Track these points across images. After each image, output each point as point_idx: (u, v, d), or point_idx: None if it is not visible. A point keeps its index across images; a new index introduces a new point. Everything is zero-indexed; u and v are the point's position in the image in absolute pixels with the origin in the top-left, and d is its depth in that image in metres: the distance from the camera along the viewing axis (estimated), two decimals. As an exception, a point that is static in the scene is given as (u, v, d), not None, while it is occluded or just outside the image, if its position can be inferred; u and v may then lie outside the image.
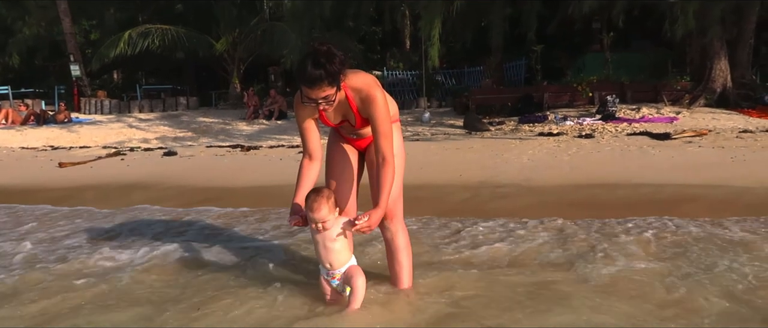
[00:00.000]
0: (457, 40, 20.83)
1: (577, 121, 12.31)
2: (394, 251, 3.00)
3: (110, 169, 9.21)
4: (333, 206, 2.65)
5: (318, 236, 2.68)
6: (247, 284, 3.26)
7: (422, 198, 5.76)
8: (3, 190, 7.58)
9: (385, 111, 2.69)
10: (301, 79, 2.54)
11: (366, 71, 11.85)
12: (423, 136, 12.21)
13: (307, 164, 2.85)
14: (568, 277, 3.25)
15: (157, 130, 15.85)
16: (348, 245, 2.75)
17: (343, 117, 2.84)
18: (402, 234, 2.99)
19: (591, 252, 3.69)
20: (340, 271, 2.74)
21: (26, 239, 4.63)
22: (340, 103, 2.72)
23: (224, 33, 20.25)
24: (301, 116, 2.80)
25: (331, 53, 2.50)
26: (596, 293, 2.96)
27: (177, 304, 2.99)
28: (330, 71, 2.48)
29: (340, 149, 3.03)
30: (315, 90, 2.52)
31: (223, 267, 3.68)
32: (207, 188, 6.97)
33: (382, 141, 2.69)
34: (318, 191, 2.67)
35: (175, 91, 22.93)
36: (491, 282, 3.17)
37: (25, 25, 23.37)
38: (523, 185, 6.31)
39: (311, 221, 2.63)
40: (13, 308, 3.05)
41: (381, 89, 2.72)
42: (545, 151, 8.64)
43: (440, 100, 18.49)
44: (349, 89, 2.69)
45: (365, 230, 2.64)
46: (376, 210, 2.67)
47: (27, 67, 24.83)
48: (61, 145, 13.66)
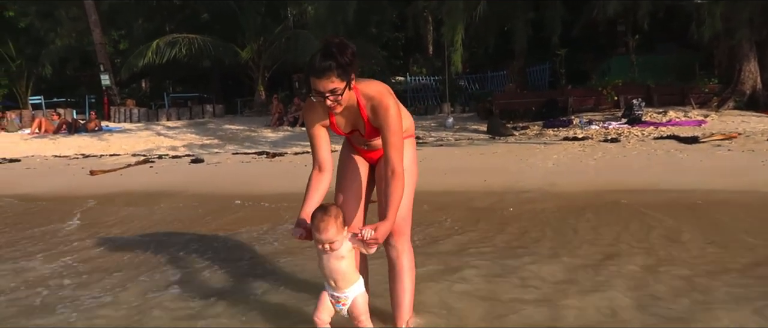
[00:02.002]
0: (480, 45, 20.77)
1: (602, 125, 12.19)
2: (398, 272, 2.76)
3: (140, 176, 9.41)
4: (341, 225, 2.44)
5: (324, 254, 2.49)
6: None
7: (446, 204, 5.79)
8: (39, 197, 7.80)
9: (397, 122, 2.55)
10: (310, 69, 2.43)
11: (389, 77, 12.01)
12: (447, 141, 12.22)
13: (317, 176, 2.68)
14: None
15: (185, 137, 16.12)
16: (355, 262, 2.57)
17: (353, 126, 2.70)
18: (408, 254, 2.77)
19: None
20: (346, 295, 2.54)
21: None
22: (351, 109, 2.59)
23: (249, 41, 20.54)
24: (311, 121, 2.67)
25: (344, 44, 2.42)
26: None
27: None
28: (341, 62, 2.38)
29: (351, 161, 2.89)
30: (323, 81, 2.40)
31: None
32: (233, 195, 7.08)
33: (392, 152, 2.53)
34: (325, 210, 2.44)
35: (202, 99, 23.29)
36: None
37: (57, 36, 24.01)
38: (548, 190, 6.29)
39: (317, 242, 2.43)
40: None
41: (395, 99, 2.59)
42: (570, 156, 8.59)
43: (463, 106, 18.46)
44: (360, 95, 2.58)
45: (371, 245, 2.45)
46: (383, 223, 2.47)
47: (59, 78, 25.47)
48: (92, 153, 13.99)
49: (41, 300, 3.50)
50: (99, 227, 5.64)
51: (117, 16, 24.42)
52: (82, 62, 25.58)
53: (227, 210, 6.20)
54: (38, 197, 7.85)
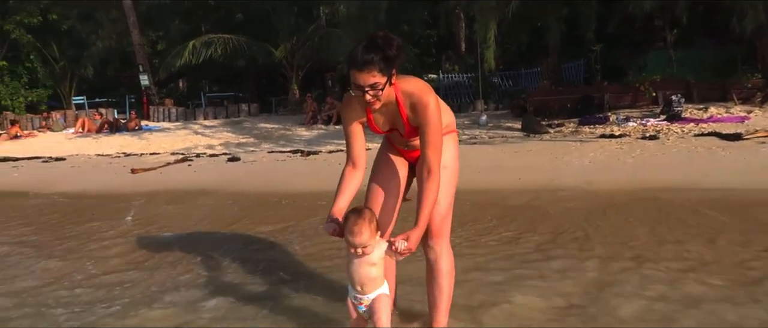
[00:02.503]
0: (513, 42, 20.58)
1: (640, 122, 11.95)
2: (436, 275, 2.65)
3: (178, 174, 9.64)
4: (375, 229, 2.35)
5: (355, 258, 2.41)
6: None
7: (481, 203, 5.79)
8: (83, 195, 8.07)
9: (437, 120, 2.46)
10: (352, 62, 2.34)
11: (421, 75, 12.04)
12: (480, 139, 12.16)
13: (350, 173, 2.60)
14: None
15: (221, 136, 16.42)
16: (383, 269, 2.48)
17: (391, 124, 2.62)
18: (447, 257, 2.66)
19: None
20: (369, 297, 2.47)
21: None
22: (390, 106, 2.51)
23: (283, 41, 20.77)
24: (348, 118, 2.59)
25: (389, 37, 2.33)
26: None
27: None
28: (387, 55, 2.30)
29: (389, 159, 2.80)
30: (364, 74, 2.32)
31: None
32: (269, 193, 7.20)
33: (429, 152, 2.44)
34: (359, 213, 2.36)
35: (237, 98, 23.68)
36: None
37: (98, 38, 24.69)
38: (585, 188, 6.23)
39: (350, 245, 2.35)
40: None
41: (435, 96, 2.49)
42: (607, 154, 8.47)
43: (497, 103, 18.31)
44: (400, 92, 2.48)
45: (404, 255, 2.37)
46: (414, 230, 2.38)
47: (100, 78, 26.24)
48: (133, 151, 14.37)
49: (85, 297, 3.65)
50: (141, 225, 5.82)
51: (154, 18, 25.01)
52: (122, 63, 26.29)
53: (263, 209, 6.32)
54: (83, 195, 8.12)
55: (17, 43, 22.98)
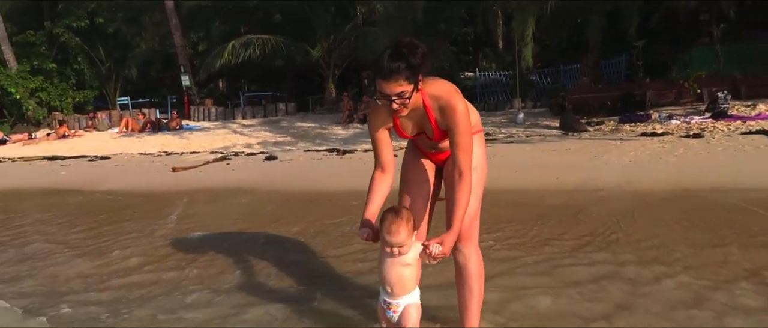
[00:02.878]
0: (552, 39, 20.23)
1: (683, 119, 11.60)
2: (465, 277, 2.65)
3: (217, 173, 9.83)
4: (412, 229, 2.35)
5: (388, 257, 2.40)
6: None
7: (517, 202, 5.72)
8: (127, 193, 8.31)
9: (466, 123, 2.43)
10: (377, 71, 2.33)
11: (458, 73, 11.92)
12: (517, 138, 12.00)
13: (379, 177, 2.60)
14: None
15: (259, 135, 16.67)
16: (417, 272, 2.47)
17: (419, 128, 2.60)
18: (476, 258, 2.66)
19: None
20: (399, 302, 2.45)
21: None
22: (417, 111, 2.49)
23: (320, 40, 20.95)
24: (375, 125, 2.58)
25: (414, 45, 2.30)
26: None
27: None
28: (411, 63, 2.28)
29: (417, 163, 2.78)
30: (390, 83, 2.30)
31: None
32: (305, 192, 7.27)
33: (460, 155, 2.43)
34: (396, 212, 2.37)
35: (275, 97, 24.01)
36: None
37: (142, 40, 25.40)
38: (625, 188, 6.08)
39: (386, 245, 2.35)
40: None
41: (462, 98, 2.48)
42: (648, 153, 8.25)
43: (535, 101, 18.05)
44: (427, 96, 2.46)
45: (436, 259, 2.38)
46: (448, 234, 2.38)
47: (143, 79, 26.99)
48: (174, 150, 14.72)
49: (119, 294, 3.76)
50: (181, 223, 5.95)
51: (196, 20, 25.58)
52: (165, 64, 26.97)
53: (298, 208, 6.38)
54: (126, 193, 8.36)
55: (66, 46, 23.84)
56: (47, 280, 4.12)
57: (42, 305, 3.57)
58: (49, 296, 3.75)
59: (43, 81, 22.56)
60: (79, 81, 24.41)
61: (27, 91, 21.94)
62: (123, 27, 25.19)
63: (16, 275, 4.26)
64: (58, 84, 23.24)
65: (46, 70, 22.85)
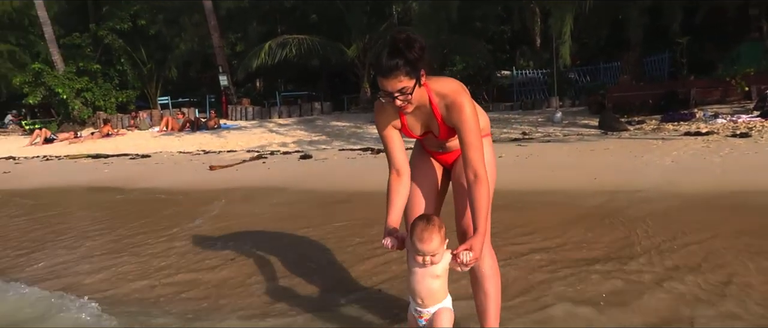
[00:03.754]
0: (591, 36, 19.82)
1: (730, 118, 11.17)
2: (479, 279, 2.59)
3: (253, 171, 9.94)
4: (444, 237, 2.28)
5: (418, 267, 2.33)
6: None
7: (553, 203, 5.60)
8: (166, 191, 8.47)
9: (474, 120, 2.39)
10: (377, 68, 2.33)
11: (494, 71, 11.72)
12: (554, 137, 11.78)
13: (396, 181, 2.54)
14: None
15: (294, 134, 16.82)
16: (447, 283, 2.41)
17: (426, 127, 2.56)
18: (489, 259, 2.57)
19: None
20: (430, 310, 2.39)
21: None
22: (423, 109, 2.47)
23: (355, 40, 21.03)
24: (382, 123, 2.57)
25: (411, 40, 2.28)
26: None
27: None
28: (408, 59, 2.25)
29: (424, 165, 2.75)
30: (391, 80, 2.29)
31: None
32: (339, 192, 7.28)
33: (471, 153, 2.38)
34: (428, 220, 2.31)
35: (311, 97, 24.23)
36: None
37: (182, 41, 26.01)
38: (666, 189, 5.87)
39: (417, 253, 2.28)
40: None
41: (469, 97, 2.45)
42: (692, 153, 7.96)
43: (573, 99, 17.70)
44: (433, 94, 2.44)
45: (467, 267, 2.31)
46: (476, 237, 2.31)
47: (183, 79, 27.63)
48: (212, 149, 14.98)
49: (150, 294, 3.82)
50: (216, 222, 6.03)
51: (233, 20, 26.03)
52: (204, 64, 27.54)
53: (332, 207, 6.38)
54: (166, 191, 8.52)
55: (110, 47, 24.58)
56: (72, 277, 4.22)
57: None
58: (74, 289, 3.84)
59: (88, 81, 23.29)
60: (121, 81, 25.14)
61: (73, 91, 22.69)
62: (163, 28, 25.83)
63: (51, 270, 4.39)
64: (102, 84, 23.97)
65: (91, 71, 23.59)
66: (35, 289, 3.95)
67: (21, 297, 3.79)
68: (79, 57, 24.16)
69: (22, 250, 5.26)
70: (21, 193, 9.32)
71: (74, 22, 26.24)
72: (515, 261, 3.83)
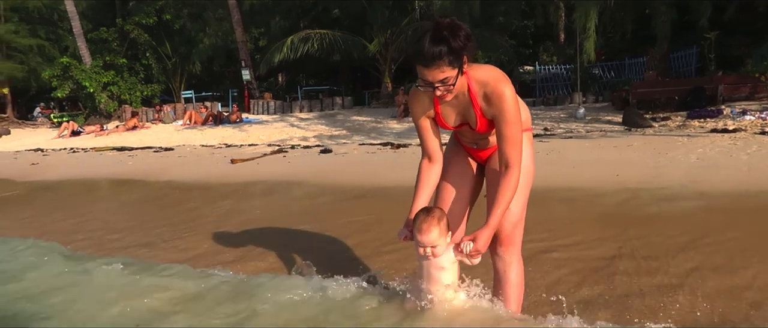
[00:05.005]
0: (616, 31, 19.51)
1: (759, 115, 10.91)
2: (504, 286, 2.47)
3: (273, 165, 10.00)
4: (445, 229, 2.25)
5: (424, 262, 2.31)
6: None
7: (574, 199, 5.53)
8: (187, 184, 8.57)
9: (515, 111, 2.23)
10: (416, 56, 2.14)
11: (517, 66, 11.52)
12: (577, 133, 11.63)
13: (427, 167, 2.46)
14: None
15: (315, 128, 16.89)
16: (457, 280, 2.35)
17: (462, 119, 2.40)
18: (517, 267, 2.46)
19: None
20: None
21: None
22: (461, 98, 2.30)
23: (377, 35, 21.01)
24: (417, 113, 2.42)
25: (456, 25, 2.10)
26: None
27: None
28: (453, 47, 2.08)
29: (458, 160, 2.61)
30: (433, 70, 2.12)
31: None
32: (358, 186, 7.28)
33: (508, 147, 2.23)
34: (428, 211, 2.29)
35: (332, 91, 24.30)
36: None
37: (206, 36, 26.28)
38: (690, 187, 5.75)
39: (417, 244, 2.27)
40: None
41: (511, 87, 2.27)
42: (718, 150, 7.79)
43: (597, 95, 17.45)
44: (473, 81, 2.26)
45: (474, 256, 2.23)
46: (483, 229, 2.22)
47: (207, 74, 27.93)
48: (234, 143, 15.12)
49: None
50: (236, 215, 6.08)
51: (256, 15, 26.19)
52: (227, 59, 27.81)
53: (350, 201, 6.40)
54: (187, 184, 8.62)
55: (136, 41, 24.94)
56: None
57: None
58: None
59: (114, 75, 23.66)
60: (147, 75, 25.50)
61: (99, 85, 23.07)
62: (188, 23, 26.12)
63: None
64: (127, 78, 24.34)
65: (117, 65, 23.97)
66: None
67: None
68: (106, 51, 24.59)
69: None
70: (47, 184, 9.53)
71: (101, 16, 26.71)
72: (533, 258, 3.79)
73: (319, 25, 22.49)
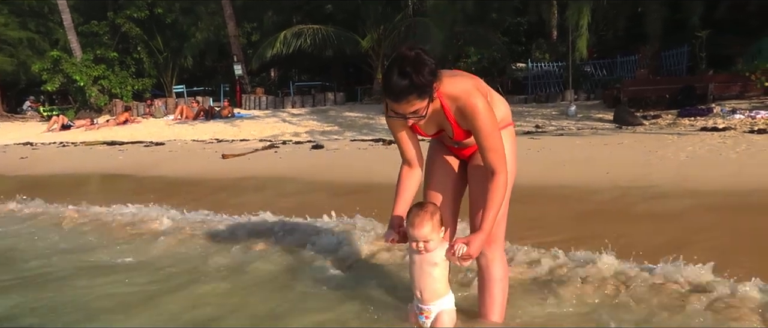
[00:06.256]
0: (608, 29, 19.56)
1: (748, 114, 10.97)
2: (487, 282, 2.53)
3: (264, 161, 9.98)
4: (438, 224, 2.27)
5: (416, 255, 2.33)
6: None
7: (564, 197, 5.54)
8: (177, 180, 8.54)
9: (489, 122, 2.24)
10: (386, 89, 2.18)
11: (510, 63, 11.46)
12: (568, 130, 11.67)
13: (407, 172, 2.50)
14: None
15: (307, 124, 16.85)
16: (447, 275, 2.39)
17: (439, 127, 2.44)
18: (500, 263, 2.52)
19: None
20: (431, 307, 2.38)
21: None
22: (435, 113, 2.32)
23: (369, 31, 20.97)
24: (393, 126, 2.45)
25: (420, 61, 2.12)
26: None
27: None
28: (417, 83, 2.10)
29: (441, 159, 2.64)
30: (402, 104, 2.16)
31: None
32: (347, 183, 7.27)
33: (489, 155, 2.27)
34: (422, 206, 2.31)
35: (324, 87, 24.23)
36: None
37: (198, 30, 26.11)
38: (680, 185, 5.78)
39: (411, 239, 2.29)
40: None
41: (481, 96, 2.28)
42: (708, 148, 7.84)
43: (589, 93, 17.52)
44: (444, 97, 2.28)
45: (465, 261, 2.25)
46: (476, 235, 2.25)
47: (198, 68, 27.78)
48: (225, 138, 15.06)
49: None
50: (225, 210, 6.05)
51: (250, 10, 26.05)
52: (219, 54, 27.65)
53: (343, 197, 6.38)
54: (177, 179, 8.59)
55: (127, 35, 24.74)
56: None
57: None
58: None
59: (105, 69, 23.46)
60: (138, 70, 25.31)
61: (90, 78, 22.88)
62: (180, 17, 25.94)
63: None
64: (118, 72, 24.15)
65: (108, 58, 23.76)
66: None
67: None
68: (97, 45, 24.38)
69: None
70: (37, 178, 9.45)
71: (92, 9, 26.45)
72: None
73: (312, 20, 22.40)
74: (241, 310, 3.13)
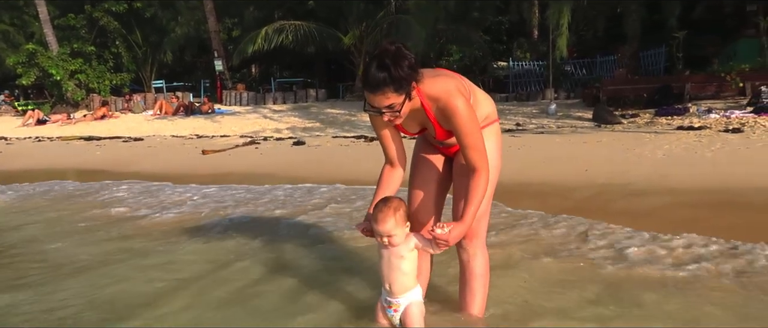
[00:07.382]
0: (588, 28, 19.79)
1: (723, 113, 11.18)
2: (468, 277, 2.55)
3: (246, 157, 9.91)
4: (402, 219, 2.29)
5: (384, 250, 2.37)
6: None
7: (544, 194, 5.59)
8: (154, 175, 8.43)
9: (470, 122, 2.26)
10: (364, 82, 2.20)
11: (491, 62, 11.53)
12: (548, 129, 11.78)
13: (388, 171, 2.54)
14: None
15: (288, 121, 16.77)
16: (416, 269, 2.39)
17: (421, 126, 2.47)
18: (481, 258, 2.53)
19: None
20: (400, 300, 2.41)
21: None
22: (416, 112, 2.35)
23: (352, 27, 20.92)
24: (376, 124, 2.47)
25: (400, 54, 2.14)
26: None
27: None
28: (395, 76, 2.12)
29: (427, 155, 2.66)
30: (378, 96, 2.17)
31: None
32: (330, 179, 7.25)
33: (470, 153, 2.29)
34: (386, 201, 2.33)
35: (306, 83, 24.13)
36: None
37: (177, 25, 25.78)
38: (657, 182, 5.87)
39: (376, 234, 2.33)
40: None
41: (462, 97, 2.28)
42: (684, 147, 7.97)
43: (569, 92, 17.71)
44: (424, 97, 2.30)
45: (440, 245, 2.24)
46: (458, 224, 2.25)
47: (178, 63, 27.43)
48: (205, 134, 14.92)
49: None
50: (204, 207, 6.00)
51: (231, 5, 25.79)
52: (199, 49, 27.35)
53: (322, 194, 6.36)
54: (154, 175, 8.47)
55: (105, 29, 24.33)
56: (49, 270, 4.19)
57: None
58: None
59: (82, 63, 23.04)
60: (116, 64, 24.92)
61: (67, 73, 22.46)
62: (159, 11, 25.60)
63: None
64: (96, 66, 23.74)
65: (85, 52, 23.35)
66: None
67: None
68: (74, 38, 23.92)
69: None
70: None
71: (69, 2, 25.89)
72: (498, 252, 3.81)
73: (294, 16, 22.28)
74: (217, 308, 3.10)
